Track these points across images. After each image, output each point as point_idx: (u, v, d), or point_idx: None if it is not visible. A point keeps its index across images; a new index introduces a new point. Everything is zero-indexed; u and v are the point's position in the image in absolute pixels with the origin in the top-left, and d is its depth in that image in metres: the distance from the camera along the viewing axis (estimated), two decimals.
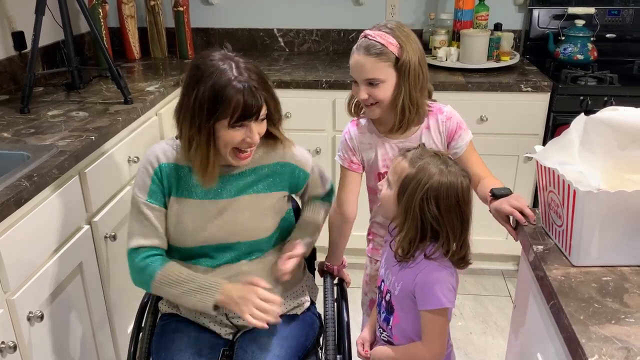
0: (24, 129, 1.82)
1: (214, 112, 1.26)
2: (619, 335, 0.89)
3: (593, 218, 1.03)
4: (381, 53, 1.38)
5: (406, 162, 1.22)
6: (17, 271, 1.40)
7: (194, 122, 1.28)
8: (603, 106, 2.29)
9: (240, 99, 1.25)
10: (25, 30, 2.32)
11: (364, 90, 1.41)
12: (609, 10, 2.71)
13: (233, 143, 1.30)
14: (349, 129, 1.54)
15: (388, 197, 1.25)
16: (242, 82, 1.25)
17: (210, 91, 1.25)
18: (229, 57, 1.29)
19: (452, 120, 1.51)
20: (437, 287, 1.19)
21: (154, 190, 1.38)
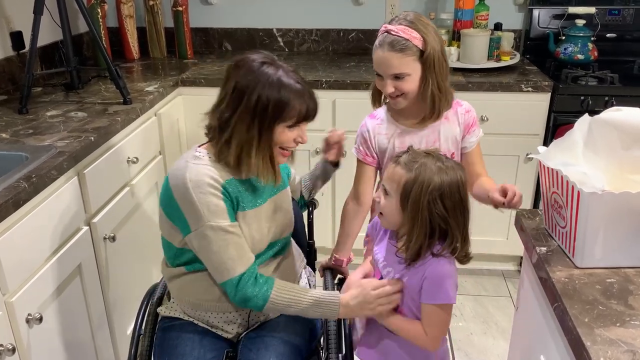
0: (23, 129, 1.81)
1: (278, 115, 1.28)
2: (624, 338, 0.88)
3: (597, 219, 1.02)
4: (406, 48, 1.40)
5: (401, 167, 1.20)
6: (16, 273, 1.39)
7: (252, 126, 1.28)
8: (604, 106, 2.31)
9: (304, 103, 1.30)
10: (23, 30, 2.30)
11: (390, 84, 1.44)
12: (610, 9, 2.70)
13: (286, 143, 1.33)
14: (366, 122, 1.57)
15: (390, 206, 1.23)
16: (303, 86, 1.31)
17: (273, 94, 1.27)
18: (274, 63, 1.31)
19: (470, 114, 1.57)
20: (447, 282, 1.21)
21: (229, 210, 1.31)
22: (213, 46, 3.07)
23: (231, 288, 1.31)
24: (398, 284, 1.26)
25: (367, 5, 2.91)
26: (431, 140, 1.52)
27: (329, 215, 2.56)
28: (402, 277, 1.25)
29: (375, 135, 1.54)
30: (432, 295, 1.21)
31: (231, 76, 1.31)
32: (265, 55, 1.33)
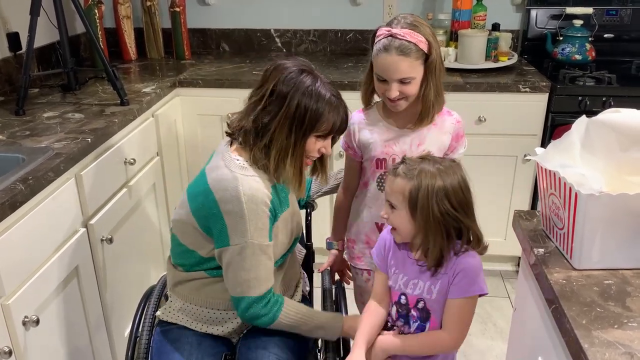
0: (19, 131, 1.80)
1: (314, 125, 1.30)
2: (622, 340, 0.88)
3: (595, 221, 1.02)
4: (415, 51, 1.40)
5: (401, 178, 1.19)
6: (13, 275, 1.38)
7: (290, 133, 1.30)
8: (601, 106, 2.31)
9: (338, 117, 1.33)
10: (20, 31, 2.30)
11: (395, 88, 1.42)
12: (607, 10, 2.70)
13: (311, 152, 1.35)
14: (353, 117, 1.57)
15: (400, 219, 1.22)
16: (338, 99, 1.34)
17: (313, 105, 1.29)
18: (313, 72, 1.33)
19: (460, 125, 1.57)
20: (480, 274, 1.22)
21: (270, 228, 1.33)
22: (210, 47, 3.06)
23: (245, 305, 1.32)
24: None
25: (364, 6, 2.91)
26: (416, 143, 1.52)
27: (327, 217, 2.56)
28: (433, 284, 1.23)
29: (360, 129, 1.54)
30: (464, 289, 1.21)
31: (269, 80, 1.31)
32: (302, 62, 1.34)
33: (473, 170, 2.66)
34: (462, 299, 1.21)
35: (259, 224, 1.29)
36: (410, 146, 1.51)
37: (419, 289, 1.25)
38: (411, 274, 1.27)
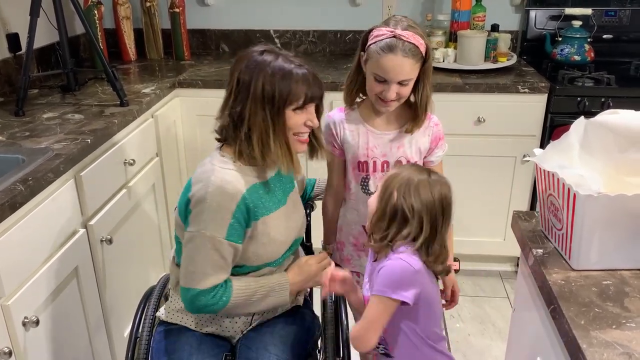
0: (19, 131, 1.80)
1: (285, 100, 1.28)
2: (620, 341, 0.88)
3: (593, 221, 1.03)
4: (417, 54, 1.41)
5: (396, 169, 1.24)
6: (12, 276, 1.38)
7: (265, 114, 1.29)
8: (600, 107, 2.31)
9: (307, 85, 1.29)
10: (19, 31, 2.30)
11: (394, 89, 1.42)
12: (606, 11, 2.71)
13: (297, 127, 1.32)
14: (333, 115, 1.57)
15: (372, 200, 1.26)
16: (302, 67, 1.31)
17: (276, 79, 1.27)
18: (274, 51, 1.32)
19: (439, 127, 1.58)
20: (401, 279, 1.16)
21: (235, 227, 1.29)
22: (210, 47, 3.06)
23: (189, 296, 1.31)
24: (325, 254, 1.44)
25: (364, 7, 2.91)
26: (395, 146, 1.53)
27: None
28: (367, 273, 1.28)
29: (342, 129, 1.54)
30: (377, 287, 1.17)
31: (234, 71, 1.32)
32: (264, 44, 1.35)
33: (472, 171, 2.69)
34: (373, 296, 1.18)
35: (217, 217, 1.27)
36: (390, 149, 1.53)
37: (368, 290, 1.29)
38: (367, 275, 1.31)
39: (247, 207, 1.31)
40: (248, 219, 1.32)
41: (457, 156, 2.47)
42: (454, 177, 2.50)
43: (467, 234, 2.61)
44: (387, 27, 1.41)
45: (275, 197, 1.40)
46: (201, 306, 1.33)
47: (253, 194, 1.33)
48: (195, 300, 1.32)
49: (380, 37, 1.40)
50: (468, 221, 2.59)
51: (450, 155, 2.45)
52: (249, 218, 1.32)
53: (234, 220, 1.29)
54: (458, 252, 2.67)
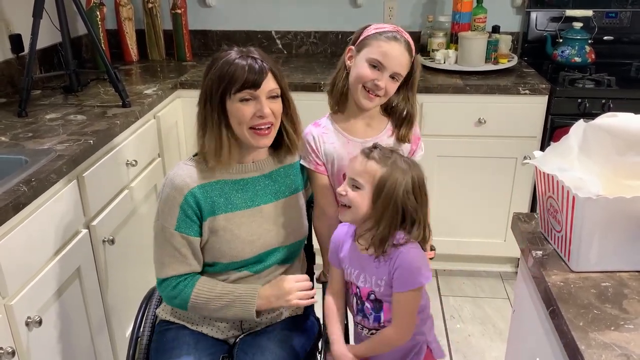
0: (22, 132, 1.81)
1: (219, 88, 1.30)
2: (618, 342, 0.89)
3: (592, 224, 1.03)
4: (411, 55, 1.44)
5: (375, 162, 1.24)
6: (16, 276, 1.39)
7: (205, 105, 1.33)
8: (601, 108, 2.32)
9: (244, 67, 1.29)
10: (22, 33, 2.31)
11: (385, 79, 1.43)
12: (607, 12, 2.72)
13: (245, 119, 1.31)
14: (310, 130, 1.54)
15: (360, 199, 1.26)
16: (247, 58, 1.30)
17: (218, 68, 1.30)
18: (242, 49, 1.35)
19: (417, 127, 1.59)
20: (421, 265, 1.26)
21: (183, 219, 1.34)
22: (212, 48, 3.07)
23: (158, 287, 1.40)
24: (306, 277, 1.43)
25: (365, 8, 2.92)
26: None
27: None
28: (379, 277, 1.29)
29: (321, 143, 1.50)
30: (404, 283, 1.25)
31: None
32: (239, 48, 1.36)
33: (473, 172, 2.70)
34: (404, 293, 1.26)
35: (166, 208, 1.34)
36: None
37: (368, 282, 1.31)
38: (360, 267, 1.32)
39: (196, 201, 1.34)
40: (200, 213, 1.35)
41: (458, 157, 2.48)
42: (455, 178, 2.54)
43: (467, 235, 2.62)
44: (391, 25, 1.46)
45: (247, 196, 1.41)
46: (165, 296, 1.40)
47: (209, 189, 1.36)
48: (160, 289, 1.39)
49: (383, 29, 1.44)
50: (469, 222, 2.60)
51: (451, 156, 2.49)
52: (201, 212, 1.35)
53: (181, 212, 1.33)
54: (458, 253, 2.70)
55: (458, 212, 2.56)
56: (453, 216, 2.58)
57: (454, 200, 2.56)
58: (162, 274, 1.37)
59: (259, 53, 1.34)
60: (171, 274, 1.37)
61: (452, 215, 2.58)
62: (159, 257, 1.38)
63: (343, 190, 1.28)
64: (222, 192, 1.38)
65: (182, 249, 1.35)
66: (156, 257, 1.39)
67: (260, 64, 1.30)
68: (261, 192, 1.43)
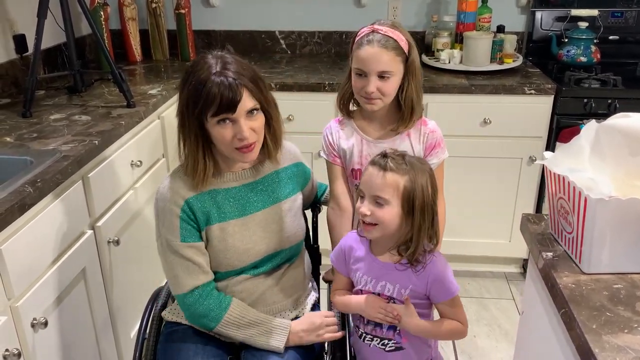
0: (27, 133, 1.81)
1: (194, 110, 1.26)
2: (632, 345, 0.88)
3: (604, 225, 1.02)
4: (396, 47, 1.42)
5: (394, 173, 1.19)
6: (21, 277, 1.39)
7: (184, 121, 1.30)
8: (607, 108, 2.31)
9: (217, 93, 1.23)
10: (26, 33, 2.31)
11: (373, 82, 1.42)
12: (612, 12, 2.71)
13: (226, 141, 1.28)
14: (330, 125, 1.59)
15: (389, 214, 1.21)
16: (221, 75, 1.24)
17: (193, 87, 1.25)
18: (219, 56, 1.29)
19: (435, 134, 1.56)
20: (451, 273, 1.27)
21: (185, 228, 1.32)
22: (215, 48, 3.04)
23: (180, 303, 1.36)
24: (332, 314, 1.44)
25: (369, 8, 2.91)
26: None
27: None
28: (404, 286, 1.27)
29: (339, 138, 1.56)
30: (444, 294, 1.27)
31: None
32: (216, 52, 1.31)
33: (478, 172, 2.69)
34: (451, 300, 1.28)
35: (167, 221, 1.32)
36: None
37: (388, 290, 1.29)
38: (378, 276, 1.29)
39: (192, 210, 1.32)
40: (197, 221, 1.34)
41: (463, 157, 2.47)
42: (460, 178, 2.54)
43: (473, 235, 2.61)
44: (371, 25, 1.45)
45: (239, 204, 1.39)
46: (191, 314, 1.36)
47: (202, 199, 1.34)
48: (184, 306, 1.35)
49: (360, 35, 1.45)
50: (474, 222, 2.59)
51: (456, 156, 2.47)
52: (197, 221, 1.34)
53: (182, 222, 1.31)
54: (463, 254, 2.69)
55: (463, 212, 2.55)
56: (458, 216, 2.56)
57: (459, 201, 2.54)
58: (182, 289, 1.33)
59: (234, 65, 1.27)
60: (192, 284, 1.33)
61: (457, 215, 2.56)
62: (173, 274, 1.33)
63: (367, 210, 1.22)
64: (215, 201, 1.36)
65: (194, 257, 1.33)
66: (170, 274, 1.34)
67: (233, 82, 1.23)
68: (252, 200, 1.41)
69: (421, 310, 1.29)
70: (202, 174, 1.32)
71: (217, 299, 1.35)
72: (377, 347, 1.34)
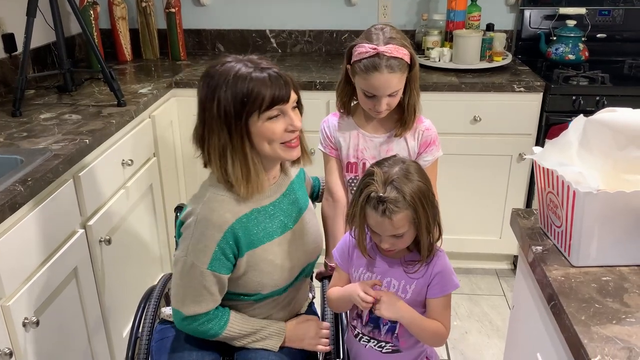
0: (17, 132, 1.80)
1: (243, 109, 1.18)
2: (620, 335, 0.90)
3: (592, 219, 1.04)
4: (402, 65, 1.44)
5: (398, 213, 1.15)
6: (12, 276, 1.38)
7: (222, 130, 1.20)
8: (595, 105, 2.33)
9: (267, 82, 1.18)
10: (15, 32, 2.29)
11: (384, 102, 1.46)
12: (600, 10, 2.73)
13: (277, 136, 1.22)
14: (328, 118, 1.63)
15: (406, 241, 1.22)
16: (263, 72, 1.20)
17: (232, 88, 1.17)
18: (239, 59, 1.24)
19: (430, 132, 1.59)
20: (452, 270, 1.28)
21: (218, 258, 1.24)
22: (206, 47, 3.06)
23: (178, 319, 1.33)
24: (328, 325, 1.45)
25: (359, 6, 2.92)
26: (385, 149, 1.56)
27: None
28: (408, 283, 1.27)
29: (336, 131, 1.60)
30: (444, 287, 1.27)
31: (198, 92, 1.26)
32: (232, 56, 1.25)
33: (468, 170, 2.70)
34: (443, 297, 1.28)
35: (201, 246, 1.23)
36: (379, 152, 1.56)
37: (394, 287, 1.29)
38: (383, 272, 1.29)
39: (236, 238, 1.25)
40: (237, 250, 1.27)
41: (454, 155, 2.48)
42: (450, 176, 2.55)
43: (463, 233, 2.63)
44: (370, 44, 1.43)
45: (279, 220, 1.34)
46: (188, 330, 1.35)
47: (246, 222, 1.27)
48: (182, 323, 1.33)
49: (363, 55, 1.43)
50: (464, 220, 2.60)
51: (446, 154, 2.46)
52: (238, 249, 1.27)
53: (218, 250, 1.24)
54: (454, 251, 2.70)
55: (453, 209, 2.57)
56: (448, 214, 2.55)
57: (450, 198, 2.55)
58: (187, 312, 1.29)
59: (266, 61, 1.23)
60: (198, 312, 1.29)
61: (448, 213, 2.54)
62: (184, 293, 1.28)
63: (389, 246, 1.21)
64: (258, 222, 1.29)
65: (211, 287, 1.27)
66: (179, 290, 1.29)
67: (280, 73, 1.21)
68: (287, 213, 1.36)
69: (420, 308, 1.30)
70: (256, 180, 1.24)
71: (216, 319, 1.32)
72: (374, 348, 1.34)
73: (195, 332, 1.34)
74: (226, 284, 1.31)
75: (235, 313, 1.36)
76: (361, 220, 1.22)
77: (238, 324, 1.35)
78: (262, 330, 1.37)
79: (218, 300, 1.32)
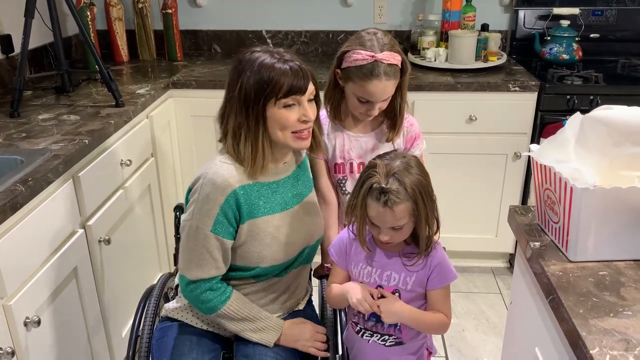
0: (15, 133, 1.80)
1: (262, 94, 1.26)
2: (618, 328, 0.91)
3: (589, 214, 1.06)
4: (397, 73, 1.47)
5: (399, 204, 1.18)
6: (13, 276, 1.39)
7: (241, 111, 1.29)
8: (589, 104, 2.36)
9: (288, 73, 1.26)
10: (12, 33, 2.29)
11: (378, 106, 1.48)
12: (593, 10, 2.76)
13: (289, 124, 1.29)
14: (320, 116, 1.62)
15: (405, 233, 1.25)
16: (286, 63, 1.28)
17: (255, 75, 1.27)
18: (267, 50, 1.33)
19: (414, 127, 1.62)
20: (449, 261, 1.31)
21: (221, 221, 1.30)
22: (202, 48, 3.07)
23: (181, 283, 1.37)
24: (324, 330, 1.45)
25: (355, 7, 2.94)
26: (370, 147, 1.58)
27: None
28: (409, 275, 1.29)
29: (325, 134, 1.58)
30: (444, 278, 1.30)
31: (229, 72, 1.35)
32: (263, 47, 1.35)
33: (464, 169, 2.72)
34: (443, 288, 1.31)
35: (205, 209, 1.29)
36: (365, 152, 1.58)
37: (394, 280, 1.31)
38: (382, 266, 1.31)
39: (237, 202, 1.31)
40: (239, 216, 1.32)
41: (449, 154, 2.51)
42: (447, 175, 2.56)
43: (459, 231, 2.65)
44: (366, 51, 1.43)
45: (282, 198, 1.39)
46: (190, 298, 1.38)
47: (249, 191, 1.33)
48: (186, 289, 1.36)
49: (360, 62, 1.43)
50: (460, 218, 2.62)
51: (442, 153, 2.51)
52: (240, 215, 1.32)
53: (221, 213, 1.29)
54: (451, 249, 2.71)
55: (450, 208, 2.58)
56: (445, 212, 2.56)
57: (446, 197, 2.57)
58: (191, 276, 1.33)
59: (290, 55, 1.31)
60: (201, 277, 1.33)
61: (444, 211, 2.56)
62: (188, 257, 1.34)
63: (387, 238, 1.23)
64: (261, 194, 1.35)
65: (214, 251, 1.32)
66: (185, 255, 1.34)
67: (301, 67, 1.29)
68: (291, 193, 1.42)
69: (420, 302, 1.32)
70: (261, 161, 1.31)
71: (218, 291, 1.35)
72: (377, 342, 1.36)
73: (197, 302, 1.37)
74: (229, 253, 1.35)
75: (237, 293, 1.39)
76: (362, 211, 1.23)
77: (238, 304, 1.37)
78: (260, 321, 1.39)
79: (221, 267, 1.35)
